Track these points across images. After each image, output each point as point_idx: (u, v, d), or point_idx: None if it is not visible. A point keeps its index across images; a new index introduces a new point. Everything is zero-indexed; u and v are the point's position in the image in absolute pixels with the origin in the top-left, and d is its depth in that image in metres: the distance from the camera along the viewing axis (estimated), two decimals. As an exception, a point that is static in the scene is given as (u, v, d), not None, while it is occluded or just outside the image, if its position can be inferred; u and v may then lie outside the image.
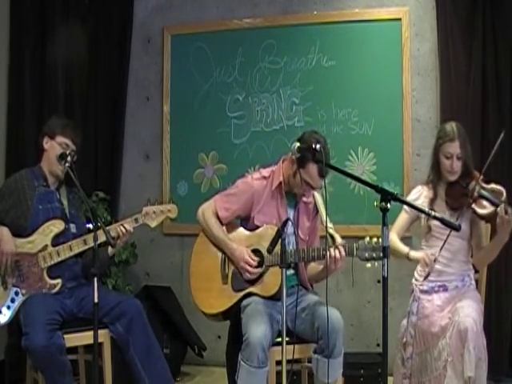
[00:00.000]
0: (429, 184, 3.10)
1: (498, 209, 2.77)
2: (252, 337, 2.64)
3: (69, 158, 3.05)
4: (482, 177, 2.93)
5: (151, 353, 3.08)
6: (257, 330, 2.66)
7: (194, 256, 3.10)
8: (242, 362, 2.66)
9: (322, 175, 2.85)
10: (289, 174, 2.95)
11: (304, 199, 3.01)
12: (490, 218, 2.90)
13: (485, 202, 2.86)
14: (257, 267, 2.90)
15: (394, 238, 3.05)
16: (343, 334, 2.75)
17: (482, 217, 2.91)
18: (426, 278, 2.93)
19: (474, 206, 2.89)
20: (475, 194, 2.87)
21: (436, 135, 3.09)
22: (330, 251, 2.73)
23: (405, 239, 3.19)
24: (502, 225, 2.79)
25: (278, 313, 2.77)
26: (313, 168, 2.83)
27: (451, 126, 3.00)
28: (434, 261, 2.87)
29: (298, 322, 2.81)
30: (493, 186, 2.94)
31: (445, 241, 2.88)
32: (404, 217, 3.13)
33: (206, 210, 3.04)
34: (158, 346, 3.14)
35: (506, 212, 2.74)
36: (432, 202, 3.04)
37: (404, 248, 3.01)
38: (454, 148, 2.95)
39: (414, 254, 2.95)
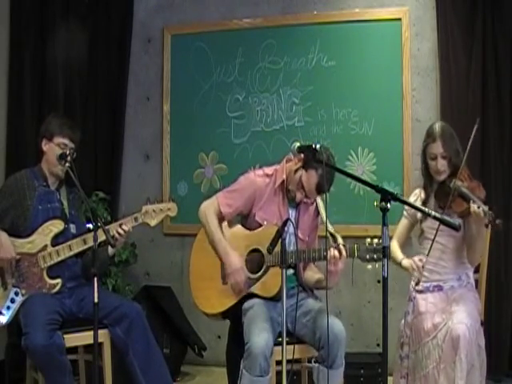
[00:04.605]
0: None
1: (470, 205, 2.78)
2: (254, 346, 2.62)
3: (69, 158, 3.05)
4: (467, 172, 2.95)
5: (151, 358, 3.07)
6: (259, 338, 2.64)
7: (194, 254, 3.10)
8: (244, 371, 2.65)
9: (318, 191, 2.86)
10: (291, 171, 2.95)
11: (305, 199, 3.01)
12: (467, 214, 2.88)
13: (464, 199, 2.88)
14: (253, 274, 2.91)
15: (394, 246, 3.09)
16: (345, 345, 2.74)
17: (459, 214, 2.91)
18: (417, 284, 2.97)
19: (452, 204, 2.90)
20: (455, 192, 2.88)
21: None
22: (330, 251, 2.73)
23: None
24: (475, 220, 2.82)
25: (278, 315, 2.75)
26: (313, 176, 2.84)
27: (434, 127, 3.01)
28: (423, 267, 2.89)
29: (299, 326, 2.81)
30: (472, 181, 2.96)
31: (433, 240, 2.90)
32: (404, 222, 3.15)
33: (208, 208, 3.00)
34: (158, 350, 3.13)
35: (479, 207, 2.74)
36: (424, 204, 3.04)
37: (399, 256, 3.05)
38: (437, 148, 2.95)
39: (404, 262, 2.99)
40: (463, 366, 2.66)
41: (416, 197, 3.14)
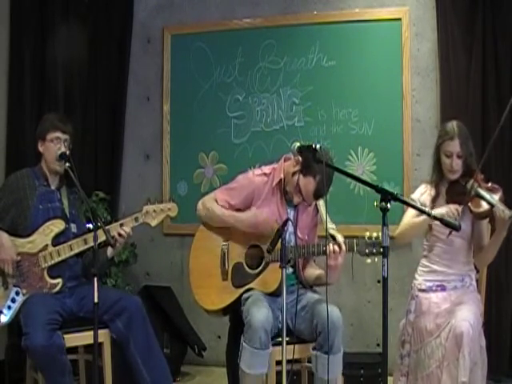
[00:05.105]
0: (432, 183, 3.10)
1: (494, 208, 2.77)
2: (254, 319, 2.65)
3: (68, 153, 3.06)
4: (481, 176, 2.94)
5: (151, 350, 3.08)
6: (258, 313, 2.68)
7: (193, 252, 3.10)
8: (244, 344, 2.68)
9: (316, 197, 2.87)
10: (289, 172, 2.95)
11: (303, 203, 3.00)
12: (485, 217, 2.89)
13: (481, 201, 2.85)
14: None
15: (407, 219, 3.01)
16: (343, 332, 2.75)
17: (477, 215, 2.91)
18: (450, 233, 2.84)
19: (469, 204, 2.89)
20: (472, 192, 2.87)
21: (437, 134, 3.09)
22: (329, 246, 2.74)
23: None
24: (498, 224, 2.81)
25: (277, 309, 2.78)
26: (311, 182, 2.84)
27: (452, 125, 2.99)
28: (458, 214, 2.81)
29: (298, 321, 2.81)
30: (490, 185, 2.94)
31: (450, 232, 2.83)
32: (412, 212, 3.09)
33: (207, 200, 3.04)
34: (157, 343, 3.14)
35: (503, 211, 2.74)
36: (434, 200, 3.03)
37: (422, 216, 2.89)
38: (454, 146, 2.94)
39: (436, 211, 2.81)
40: (466, 364, 2.65)
41: (424, 191, 3.10)
